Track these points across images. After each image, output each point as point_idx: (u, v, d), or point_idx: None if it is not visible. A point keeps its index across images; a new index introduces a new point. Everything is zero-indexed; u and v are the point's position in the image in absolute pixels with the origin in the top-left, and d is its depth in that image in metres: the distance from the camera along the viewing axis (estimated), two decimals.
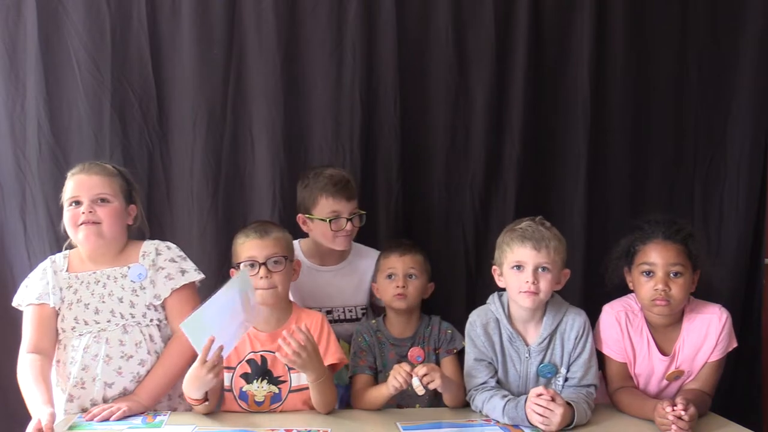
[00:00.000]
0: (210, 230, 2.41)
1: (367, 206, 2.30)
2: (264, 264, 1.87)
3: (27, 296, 1.94)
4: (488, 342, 1.90)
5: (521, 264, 1.84)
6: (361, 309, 2.27)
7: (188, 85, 2.39)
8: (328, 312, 2.23)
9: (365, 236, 2.32)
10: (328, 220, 2.13)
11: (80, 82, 2.35)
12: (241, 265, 1.87)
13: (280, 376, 1.89)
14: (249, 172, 2.44)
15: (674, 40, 2.57)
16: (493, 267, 1.94)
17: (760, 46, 2.57)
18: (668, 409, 1.67)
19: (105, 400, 1.86)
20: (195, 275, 1.99)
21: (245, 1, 2.40)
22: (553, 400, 1.70)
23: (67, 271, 1.95)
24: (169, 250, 2.00)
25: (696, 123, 2.60)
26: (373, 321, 2.09)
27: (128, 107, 2.38)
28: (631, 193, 2.57)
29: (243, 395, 1.89)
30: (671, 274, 1.86)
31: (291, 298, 2.11)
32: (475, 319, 1.93)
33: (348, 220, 2.15)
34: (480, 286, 2.44)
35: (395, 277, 2.03)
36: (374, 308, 2.28)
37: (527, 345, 1.89)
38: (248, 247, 1.90)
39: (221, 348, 1.71)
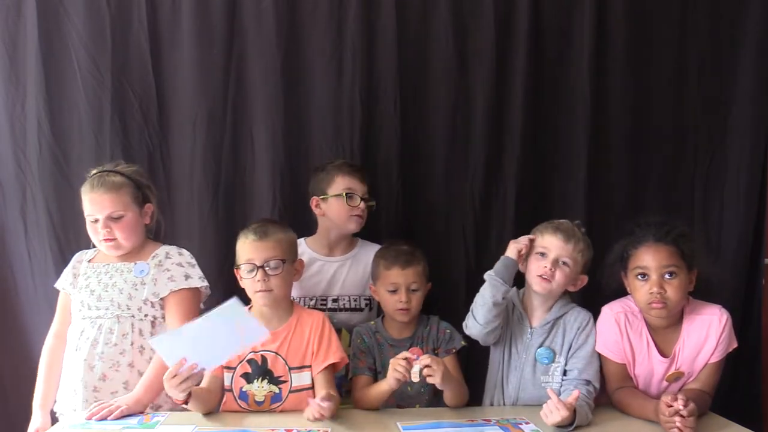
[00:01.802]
0: (210, 230, 2.41)
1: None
2: (261, 267, 1.87)
3: (59, 281, 2.12)
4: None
5: (546, 250, 1.93)
6: (365, 299, 2.27)
7: (188, 85, 2.39)
8: (334, 300, 2.25)
9: (366, 236, 2.33)
10: (344, 194, 2.20)
11: (80, 82, 2.36)
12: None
13: (280, 376, 1.89)
14: (249, 172, 2.44)
15: (674, 40, 2.57)
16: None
17: (760, 46, 2.57)
18: (672, 403, 1.65)
19: (86, 384, 1.92)
20: (198, 282, 2.05)
21: (245, 1, 2.40)
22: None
23: (89, 261, 2.09)
24: (179, 256, 2.08)
25: (696, 123, 2.59)
26: (372, 322, 2.09)
27: (128, 107, 2.38)
28: (631, 193, 2.56)
29: (243, 395, 1.89)
30: (665, 276, 1.86)
31: (296, 290, 2.12)
32: None
33: (362, 199, 2.22)
34: (480, 286, 2.43)
35: (398, 292, 2.01)
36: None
37: (531, 327, 1.95)
38: (247, 249, 1.90)
39: (194, 366, 1.72)
